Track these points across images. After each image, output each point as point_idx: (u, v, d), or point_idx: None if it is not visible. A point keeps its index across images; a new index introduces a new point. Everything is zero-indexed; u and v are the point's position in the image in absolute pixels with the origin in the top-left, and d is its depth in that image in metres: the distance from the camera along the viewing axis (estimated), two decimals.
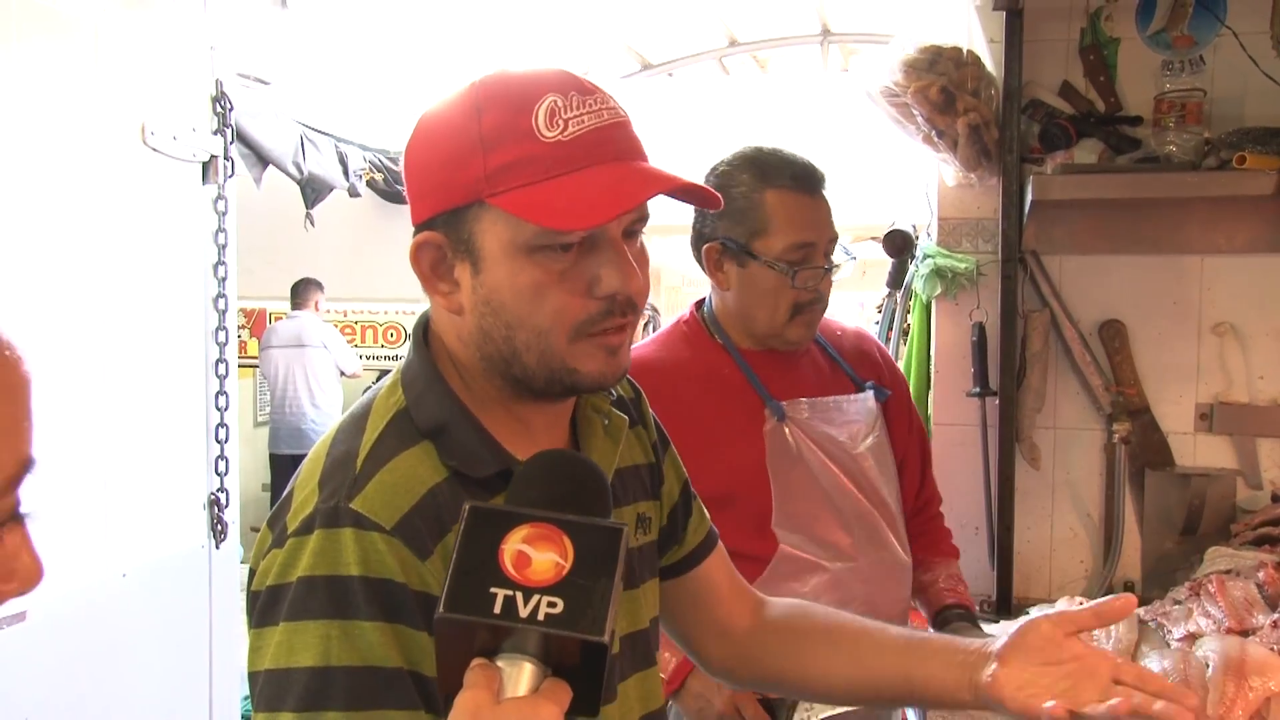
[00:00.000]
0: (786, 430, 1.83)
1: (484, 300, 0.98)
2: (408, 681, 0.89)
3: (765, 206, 1.79)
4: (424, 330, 1.07)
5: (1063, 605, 2.03)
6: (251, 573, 0.96)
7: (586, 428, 1.12)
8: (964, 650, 1.17)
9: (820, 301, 1.85)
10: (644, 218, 1.01)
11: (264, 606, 0.92)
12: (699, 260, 1.90)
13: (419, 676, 0.89)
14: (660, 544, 1.26)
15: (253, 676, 0.91)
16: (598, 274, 0.96)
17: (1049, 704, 1.04)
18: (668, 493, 1.27)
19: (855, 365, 1.99)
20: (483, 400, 1.03)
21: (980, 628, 1.93)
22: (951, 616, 1.93)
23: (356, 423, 1.01)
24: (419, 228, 1.00)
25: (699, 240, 1.88)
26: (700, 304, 1.97)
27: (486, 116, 0.94)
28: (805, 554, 1.79)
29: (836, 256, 1.86)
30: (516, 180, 0.92)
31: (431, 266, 1.00)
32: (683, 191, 0.98)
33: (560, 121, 0.93)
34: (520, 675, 0.73)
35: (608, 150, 0.95)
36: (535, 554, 0.74)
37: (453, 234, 0.97)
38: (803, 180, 1.81)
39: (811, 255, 1.81)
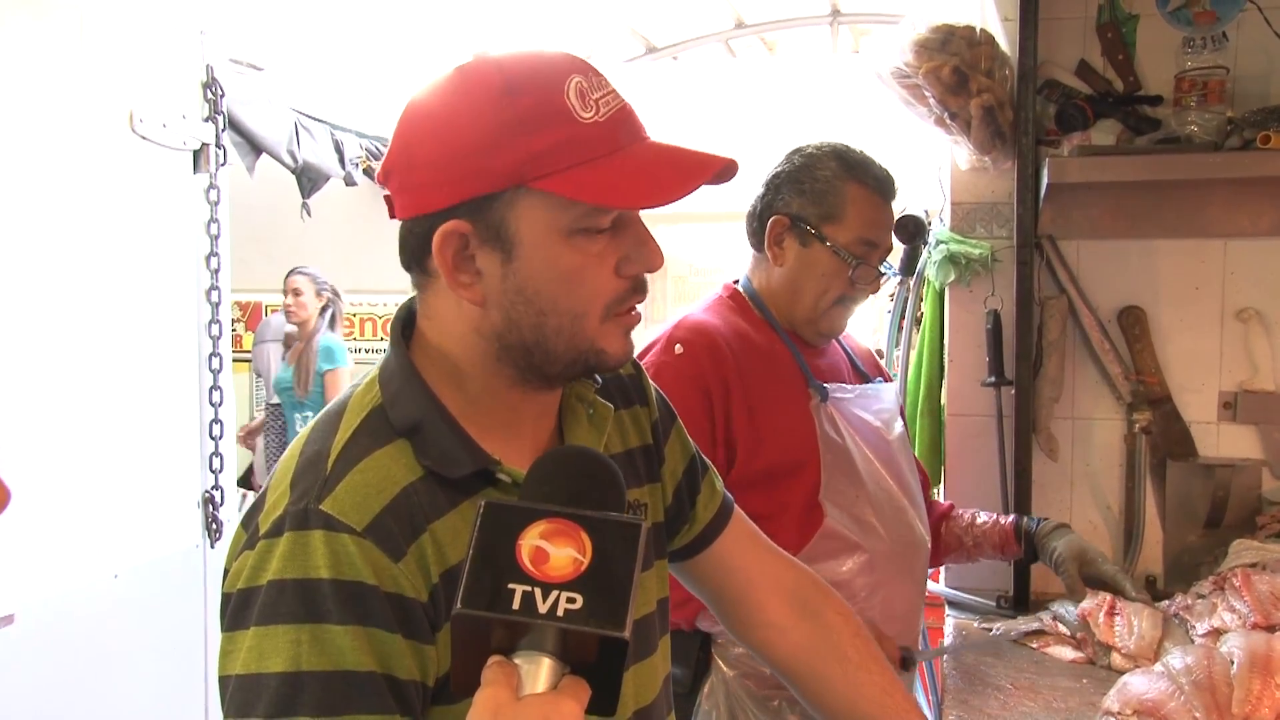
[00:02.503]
0: (830, 411, 1.89)
1: (516, 289, 0.96)
2: (381, 685, 0.88)
3: (845, 195, 1.87)
4: (403, 326, 1.05)
5: (1087, 603, 1.99)
6: (226, 573, 0.95)
7: (571, 417, 1.12)
8: None
9: (857, 302, 1.95)
10: None
11: (235, 610, 0.91)
12: (756, 231, 1.96)
13: (393, 680, 0.89)
14: (669, 525, 1.26)
15: (223, 681, 0.90)
16: (628, 254, 0.99)
17: None
18: (670, 472, 1.26)
19: (863, 364, 2.11)
20: (473, 395, 1.02)
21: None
22: (1035, 525, 2.11)
23: (331, 420, 0.99)
24: (436, 217, 0.95)
25: (766, 211, 1.94)
26: (736, 283, 2.03)
27: (522, 99, 0.92)
28: (847, 532, 1.85)
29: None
30: (562, 162, 0.92)
31: (454, 257, 0.96)
32: (716, 171, 0.98)
33: (592, 103, 0.94)
34: (539, 672, 0.73)
35: (635, 129, 0.97)
36: (553, 549, 0.74)
37: (481, 222, 0.95)
38: (884, 184, 1.91)
39: (870, 255, 1.89)
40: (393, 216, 1.00)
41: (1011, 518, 2.14)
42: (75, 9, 2.39)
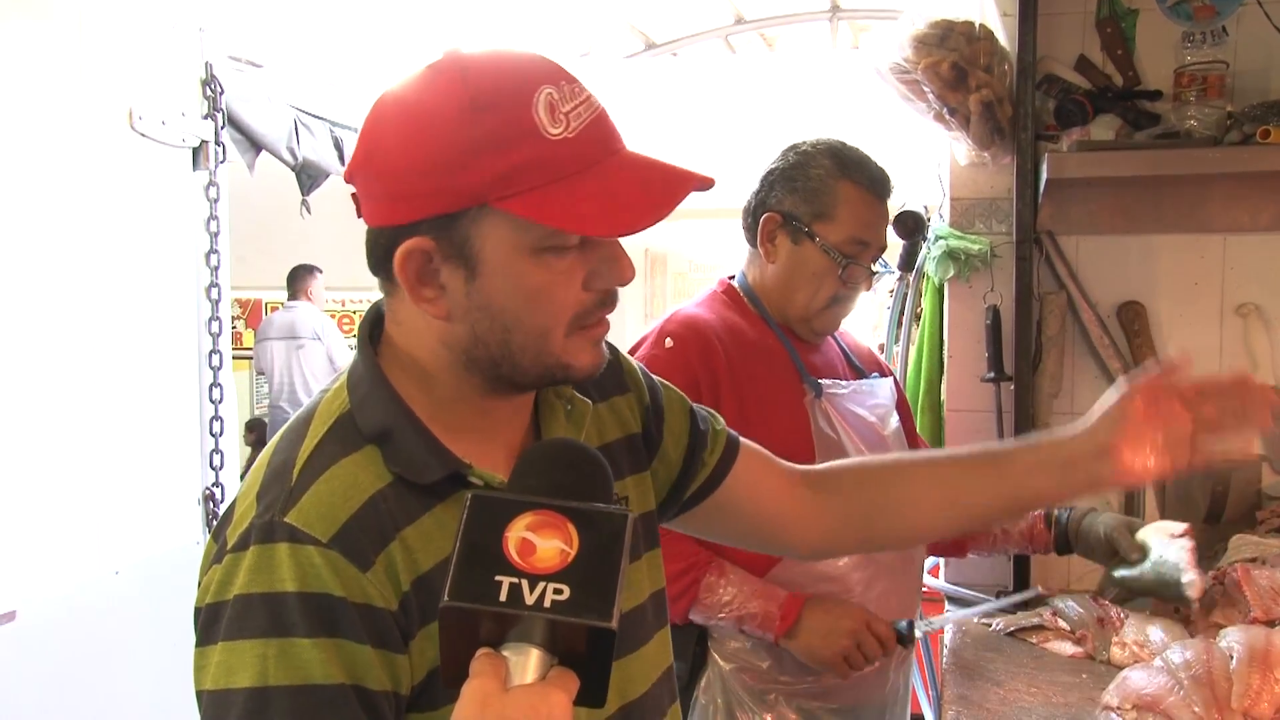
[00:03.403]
0: (824, 406, 1.90)
1: (480, 306, 0.95)
2: (350, 697, 0.87)
3: (838, 194, 1.87)
4: (370, 330, 1.04)
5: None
6: (198, 587, 0.94)
7: (549, 414, 1.11)
8: (1064, 450, 1.23)
9: (852, 300, 1.95)
10: None
11: (204, 625, 0.90)
12: (750, 227, 1.96)
13: (363, 691, 0.87)
14: (682, 480, 1.26)
15: (198, 696, 0.89)
16: (597, 269, 0.96)
17: None
18: (674, 444, 1.25)
19: (859, 359, 2.11)
20: (444, 399, 1.00)
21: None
22: (1066, 515, 2.11)
23: (299, 428, 0.98)
24: (398, 230, 0.93)
25: (759, 208, 1.94)
26: (731, 279, 2.03)
27: (488, 115, 0.89)
28: None
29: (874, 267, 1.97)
30: (527, 183, 0.89)
31: (417, 273, 0.94)
32: (685, 195, 0.96)
33: (562, 117, 0.90)
34: (527, 664, 0.73)
35: (606, 144, 0.94)
36: (540, 541, 0.74)
37: (444, 239, 0.92)
38: (878, 183, 1.90)
39: (862, 254, 1.89)
40: (359, 216, 0.98)
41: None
42: (74, 7, 2.38)
